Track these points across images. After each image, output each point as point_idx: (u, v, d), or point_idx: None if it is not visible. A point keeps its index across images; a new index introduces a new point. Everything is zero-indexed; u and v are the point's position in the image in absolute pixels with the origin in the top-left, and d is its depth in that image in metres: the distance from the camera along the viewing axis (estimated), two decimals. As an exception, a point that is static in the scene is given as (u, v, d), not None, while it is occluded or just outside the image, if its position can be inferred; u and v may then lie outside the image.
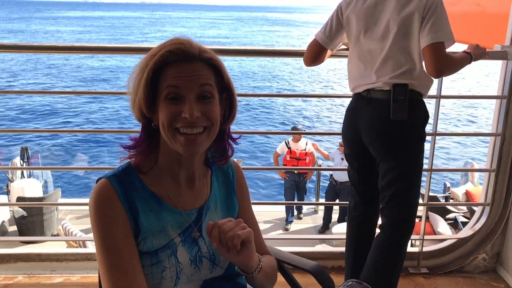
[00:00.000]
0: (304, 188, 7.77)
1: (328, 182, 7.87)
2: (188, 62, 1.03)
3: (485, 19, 5.82)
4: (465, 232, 2.69)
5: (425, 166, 2.27)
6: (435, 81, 2.06)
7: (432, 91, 2.10)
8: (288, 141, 7.58)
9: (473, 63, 2.03)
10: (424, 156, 2.06)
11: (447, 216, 7.38)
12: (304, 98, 23.19)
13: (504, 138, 2.47)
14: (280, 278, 1.49)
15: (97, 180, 1.11)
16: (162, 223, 1.11)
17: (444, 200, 7.81)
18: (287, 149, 7.51)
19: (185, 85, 1.02)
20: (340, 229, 6.94)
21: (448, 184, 8.61)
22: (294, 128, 7.77)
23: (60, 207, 7.49)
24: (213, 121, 1.06)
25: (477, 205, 2.86)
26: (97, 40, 48.25)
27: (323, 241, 6.93)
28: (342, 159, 7.59)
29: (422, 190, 2.78)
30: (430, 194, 8.14)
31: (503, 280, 2.54)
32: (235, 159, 1.32)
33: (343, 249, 2.73)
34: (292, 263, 1.40)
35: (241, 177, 1.30)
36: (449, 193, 8.15)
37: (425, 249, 2.64)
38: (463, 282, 2.54)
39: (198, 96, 1.04)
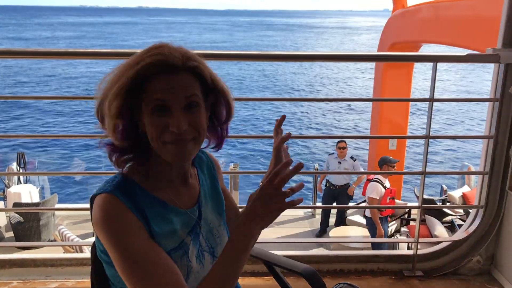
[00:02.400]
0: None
1: (324, 187, 7.87)
2: (172, 74, 1.03)
3: (479, 23, 5.87)
4: (460, 235, 2.69)
5: (418, 169, 2.27)
6: (428, 83, 2.00)
7: (425, 94, 2.10)
8: (379, 179, 6.30)
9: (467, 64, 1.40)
10: (418, 158, 2.02)
11: (444, 219, 7.40)
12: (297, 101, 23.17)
13: (497, 141, 2.48)
14: (272, 281, 1.50)
15: (92, 197, 1.08)
16: (171, 226, 1.12)
17: (441, 203, 7.83)
18: (384, 190, 6.31)
19: (170, 98, 1.02)
20: (337, 233, 6.95)
21: (445, 187, 8.64)
22: (385, 160, 6.41)
23: (57, 213, 7.47)
24: (200, 131, 1.08)
25: (471, 207, 2.87)
26: (92, 46, 48.29)
27: (320, 245, 6.94)
28: (339, 162, 7.61)
29: (417, 193, 2.78)
30: (427, 197, 8.18)
31: (497, 282, 2.54)
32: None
33: (338, 252, 2.74)
34: (283, 266, 1.40)
35: (219, 168, 1.36)
36: (446, 196, 8.17)
37: (420, 252, 2.64)
38: (457, 285, 2.54)
39: (185, 107, 1.04)
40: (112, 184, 1.09)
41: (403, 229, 7.28)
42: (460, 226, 6.83)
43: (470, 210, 2.89)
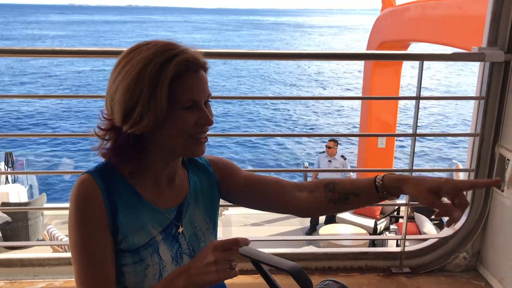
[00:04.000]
0: None
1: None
2: (198, 71, 1.07)
3: (465, 22, 5.92)
4: (446, 232, 2.72)
5: (405, 166, 2.28)
6: (415, 81, 1.99)
7: (411, 92, 2.11)
8: None
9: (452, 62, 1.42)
10: (405, 156, 2.04)
11: (432, 216, 7.46)
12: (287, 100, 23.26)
13: (482, 139, 2.51)
14: (260, 279, 1.50)
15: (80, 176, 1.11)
16: (141, 221, 1.12)
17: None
18: None
19: (199, 95, 1.07)
20: (327, 231, 6.98)
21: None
22: None
23: (45, 212, 7.42)
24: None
25: (458, 204, 2.88)
26: (81, 44, 47.98)
27: (310, 242, 6.97)
28: (330, 161, 7.65)
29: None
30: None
31: (483, 278, 2.58)
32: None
33: (326, 250, 2.75)
34: (270, 263, 1.40)
35: (222, 167, 1.31)
36: (435, 194, 8.23)
37: (407, 248, 2.66)
38: (444, 281, 2.57)
39: (204, 103, 1.10)
40: (95, 166, 1.13)
41: (393, 226, 7.34)
42: (448, 223, 6.90)
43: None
